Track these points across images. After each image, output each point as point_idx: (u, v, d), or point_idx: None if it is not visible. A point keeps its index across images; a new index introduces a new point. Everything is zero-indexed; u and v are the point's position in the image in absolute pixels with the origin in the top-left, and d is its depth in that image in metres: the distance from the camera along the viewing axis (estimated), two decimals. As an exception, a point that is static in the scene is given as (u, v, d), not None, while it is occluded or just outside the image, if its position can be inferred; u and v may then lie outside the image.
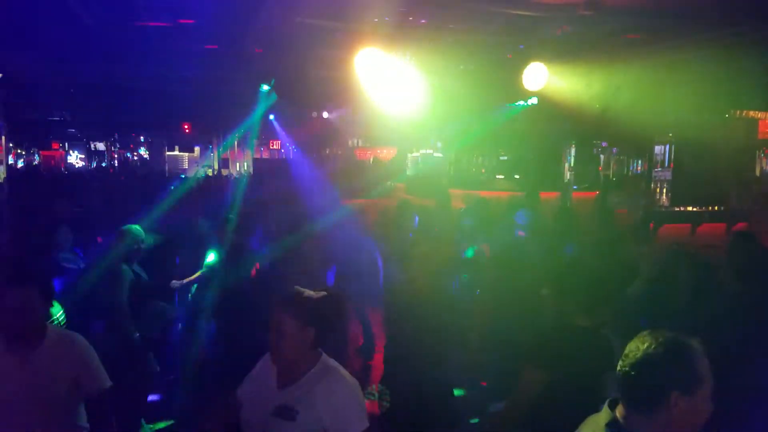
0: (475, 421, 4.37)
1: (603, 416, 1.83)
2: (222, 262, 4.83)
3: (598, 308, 2.69)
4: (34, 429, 2.62)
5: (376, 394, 2.27)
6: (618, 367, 1.76)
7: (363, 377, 6.22)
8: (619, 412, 1.78)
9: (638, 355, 1.71)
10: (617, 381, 1.78)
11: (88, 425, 2.86)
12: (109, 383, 2.85)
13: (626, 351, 1.75)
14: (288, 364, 2.23)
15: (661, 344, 1.70)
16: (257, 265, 4.91)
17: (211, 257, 5.15)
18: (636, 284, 3.98)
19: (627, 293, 3.83)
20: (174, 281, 5.16)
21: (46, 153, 25.39)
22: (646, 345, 1.71)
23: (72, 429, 2.80)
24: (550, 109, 8.74)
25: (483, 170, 13.31)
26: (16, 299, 2.56)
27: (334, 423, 2.12)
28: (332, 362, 2.27)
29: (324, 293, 2.30)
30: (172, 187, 11.30)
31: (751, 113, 11.24)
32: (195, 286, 5.30)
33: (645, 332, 1.77)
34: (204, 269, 5.19)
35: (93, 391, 2.79)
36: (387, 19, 5.72)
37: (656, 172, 12.54)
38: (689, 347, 1.70)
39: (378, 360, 6.78)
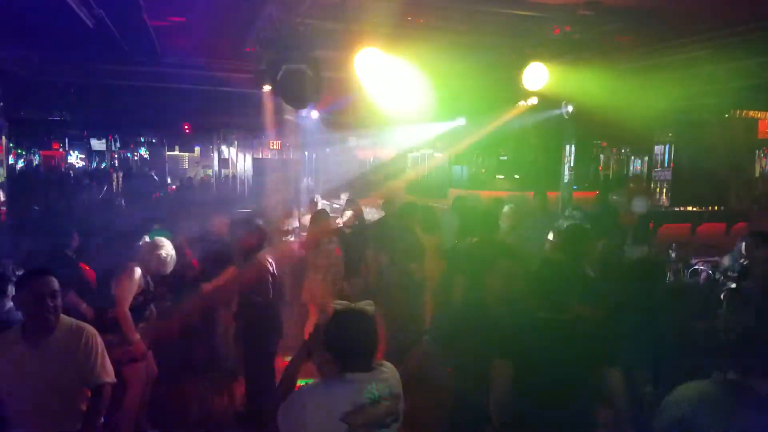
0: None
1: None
2: None
3: (570, 302, 2.77)
4: (46, 415, 2.75)
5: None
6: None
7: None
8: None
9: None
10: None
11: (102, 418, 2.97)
12: (109, 379, 2.92)
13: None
14: None
15: None
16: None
17: None
18: None
19: None
20: None
21: (46, 153, 25.37)
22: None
23: (81, 417, 2.87)
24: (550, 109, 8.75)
25: (483, 170, 13.29)
26: (44, 287, 2.71)
27: None
28: (342, 378, 2.24)
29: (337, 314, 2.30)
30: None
31: (751, 113, 11.23)
32: None
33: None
34: None
35: (91, 384, 2.87)
36: (387, 19, 5.72)
37: (656, 172, 12.53)
38: None
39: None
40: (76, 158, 28.12)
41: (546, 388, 2.58)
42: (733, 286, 4.42)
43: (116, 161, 25.00)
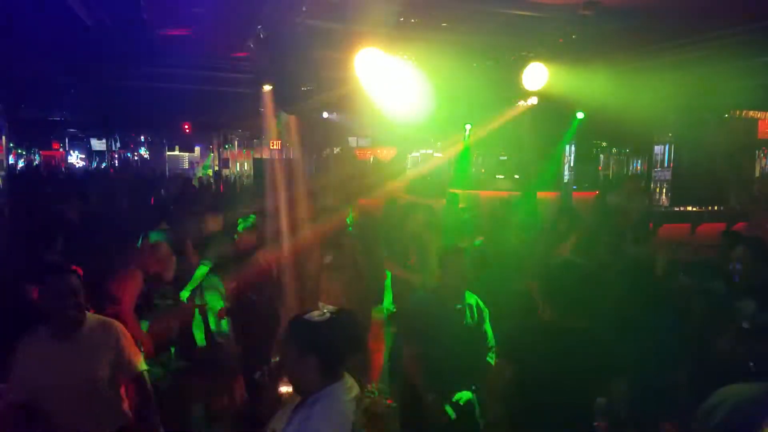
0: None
1: None
2: None
3: (585, 310, 2.68)
4: (77, 411, 2.79)
5: (376, 393, 2.25)
6: None
7: (362, 377, 6.22)
8: None
9: None
10: None
11: (129, 411, 3.02)
12: (143, 368, 3.05)
13: None
14: (298, 392, 2.09)
15: None
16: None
17: None
18: None
19: None
20: None
21: (46, 153, 25.40)
22: None
23: (114, 412, 2.96)
24: (550, 108, 8.77)
25: (483, 170, 13.33)
26: (65, 285, 2.76)
27: None
28: (333, 391, 2.02)
29: (330, 316, 2.04)
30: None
31: (751, 113, 11.24)
32: None
33: None
34: None
35: (129, 375, 2.99)
36: (387, 19, 5.72)
37: (656, 172, 12.54)
38: None
39: (378, 359, 6.78)
40: (76, 158, 28.15)
41: (545, 393, 2.53)
42: None
43: (116, 161, 25.01)
